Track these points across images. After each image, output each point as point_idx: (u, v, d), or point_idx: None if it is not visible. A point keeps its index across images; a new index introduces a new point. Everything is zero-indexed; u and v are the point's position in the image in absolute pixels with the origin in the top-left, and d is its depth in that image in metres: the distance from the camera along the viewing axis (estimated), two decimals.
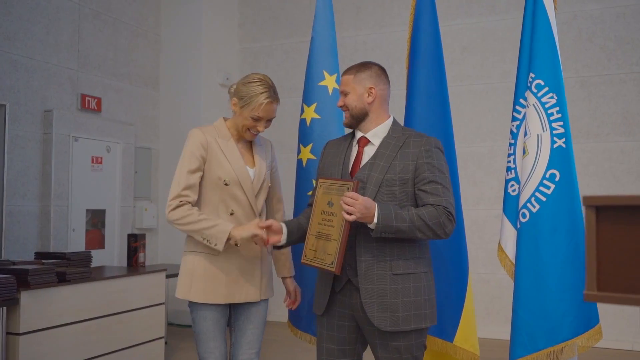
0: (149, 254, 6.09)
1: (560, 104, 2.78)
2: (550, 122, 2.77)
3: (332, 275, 2.53)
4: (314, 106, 3.25)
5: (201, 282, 2.70)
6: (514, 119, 2.93)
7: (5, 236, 4.95)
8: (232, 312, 2.81)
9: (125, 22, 6.25)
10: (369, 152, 2.58)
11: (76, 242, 5.46)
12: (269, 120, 2.76)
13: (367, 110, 2.60)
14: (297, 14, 7.01)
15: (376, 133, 2.61)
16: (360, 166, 2.56)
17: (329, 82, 3.27)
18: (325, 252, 2.46)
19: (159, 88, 6.71)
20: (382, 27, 6.64)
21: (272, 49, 7.13)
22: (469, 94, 6.27)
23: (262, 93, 2.69)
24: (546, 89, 2.78)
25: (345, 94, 2.60)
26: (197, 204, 2.72)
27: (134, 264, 5.19)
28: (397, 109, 3.55)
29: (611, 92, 5.83)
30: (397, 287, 2.45)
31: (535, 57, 2.81)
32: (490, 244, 6.04)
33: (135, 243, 5.24)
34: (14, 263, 4.01)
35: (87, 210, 5.63)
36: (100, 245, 5.76)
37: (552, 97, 2.77)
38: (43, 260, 4.14)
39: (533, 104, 2.80)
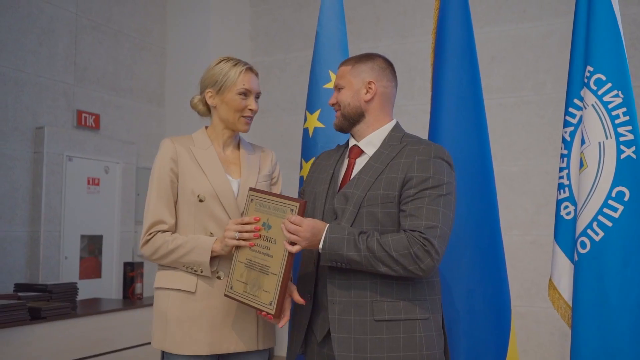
0: (150, 284, 5.57)
1: (628, 103, 2.22)
2: (615, 126, 2.20)
3: (307, 316, 1.99)
4: (317, 113, 2.71)
5: (177, 328, 2.16)
6: (566, 123, 2.36)
7: None
8: None
9: (127, 34, 5.82)
10: (360, 164, 2.04)
11: (69, 271, 4.97)
12: (258, 97, 2.33)
13: (362, 110, 2.06)
14: (312, 25, 6.53)
15: (371, 141, 2.05)
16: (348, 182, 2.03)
17: None
18: (259, 287, 1.96)
19: (164, 104, 6.26)
20: (403, 37, 6.12)
21: (285, 63, 6.65)
22: (499, 108, 5.71)
23: (235, 64, 2.28)
24: (609, 85, 2.22)
25: (339, 88, 2.08)
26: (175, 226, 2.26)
27: (130, 296, 4.71)
28: (421, 126, 3.03)
29: None
30: (381, 337, 1.87)
31: (594, 46, 2.26)
32: (525, 272, 5.42)
33: (131, 272, 4.77)
34: None
35: (82, 236, 5.15)
36: (97, 274, 5.26)
37: (617, 95, 2.21)
38: (20, 294, 3.64)
39: (592, 104, 2.24)
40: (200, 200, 2.20)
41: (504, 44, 5.78)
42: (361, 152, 2.07)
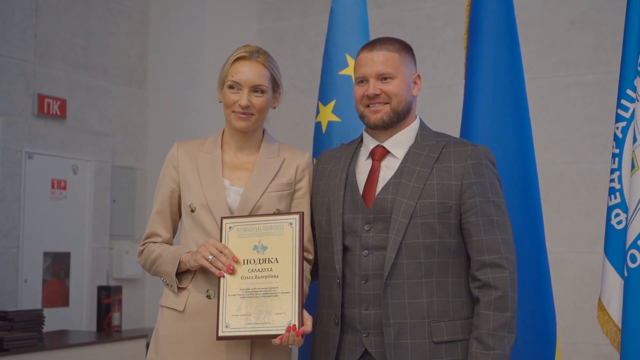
0: (130, 314, 5.97)
1: None
2: None
3: (336, 340, 2.42)
4: (331, 105, 3.15)
5: (166, 349, 2.65)
6: (618, 118, 2.78)
7: None
8: None
9: None
10: (389, 167, 2.46)
11: (30, 297, 5.36)
12: (258, 91, 2.67)
13: (411, 106, 2.52)
14: None
15: (398, 141, 2.48)
16: (379, 189, 2.43)
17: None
18: (269, 312, 2.41)
19: (147, 86, 6.64)
20: None
21: (303, 30, 6.95)
22: (579, 88, 6.00)
23: (233, 54, 2.70)
24: None
25: (385, 77, 2.48)
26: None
27: (105, 328, 5.12)
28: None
29: None
30: None
31: None
32: None
33: (107, 299, 5.18)
34: None
35: (46, 254, 5.57)
36: (64, 301, 5.65)
37: None
38: None
39: None
40: (192, 210, 2.66)
41: (585, 6, 6.04)
42: (386, 153, 2.48)
